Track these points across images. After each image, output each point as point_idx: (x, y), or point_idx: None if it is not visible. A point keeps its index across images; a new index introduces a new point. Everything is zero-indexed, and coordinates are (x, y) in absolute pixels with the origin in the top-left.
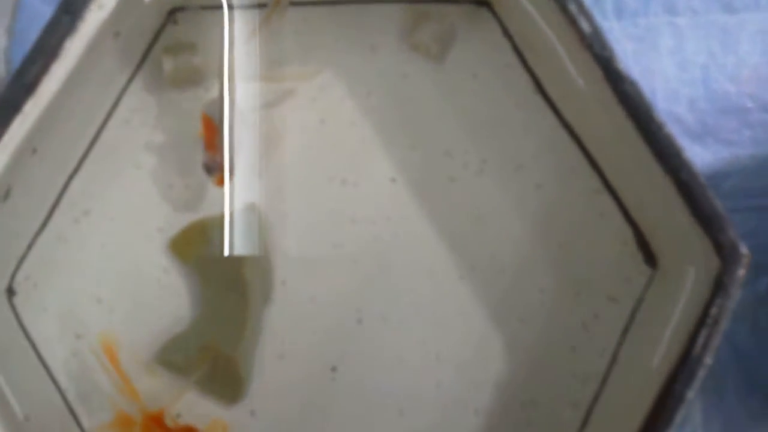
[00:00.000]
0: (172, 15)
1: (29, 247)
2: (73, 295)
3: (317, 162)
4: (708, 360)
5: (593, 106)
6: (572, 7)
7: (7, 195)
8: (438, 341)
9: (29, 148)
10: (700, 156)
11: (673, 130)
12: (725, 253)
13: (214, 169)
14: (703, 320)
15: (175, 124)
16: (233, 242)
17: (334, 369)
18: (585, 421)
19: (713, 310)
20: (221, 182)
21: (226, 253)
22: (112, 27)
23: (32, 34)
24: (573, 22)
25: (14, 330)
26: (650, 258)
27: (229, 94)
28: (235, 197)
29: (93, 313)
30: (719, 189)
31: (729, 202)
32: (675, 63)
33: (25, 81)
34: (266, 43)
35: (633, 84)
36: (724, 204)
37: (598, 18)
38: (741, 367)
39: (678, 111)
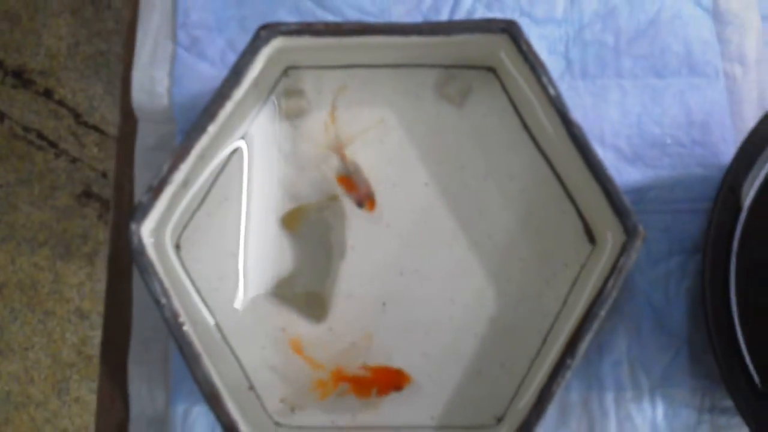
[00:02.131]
0: (286, 71)
1: (190, 218)
2: (217, 251)
3: (377, 169)
4: (614, 294)
5: (556, 140)
6: (544, 79)
7: (185, 185)
8: (452, 290)
9: (201, 155)
10: (632, 174)
11: (615, 156)
12: (629, 231)
13: (362, 202)
14: (612, 271)
15: (285, 143)
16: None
17: (384, 304)
18: (544, 341)
19: (619, 264)
20: (372, 207)
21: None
22: (255, 80)
23: (186, 79)
24: (545, 88)
25: (182, 272)
26: (592, 239)
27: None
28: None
29: (230, 263)
30: (645, 197)
31: (651, 206)
32: (619, 111)
33: (210, 112)
34: (344, 95)
35: (579, 128)
36: (647, 207)
37: (569, 78)
38: (655, 317)
39: (619, 144)
